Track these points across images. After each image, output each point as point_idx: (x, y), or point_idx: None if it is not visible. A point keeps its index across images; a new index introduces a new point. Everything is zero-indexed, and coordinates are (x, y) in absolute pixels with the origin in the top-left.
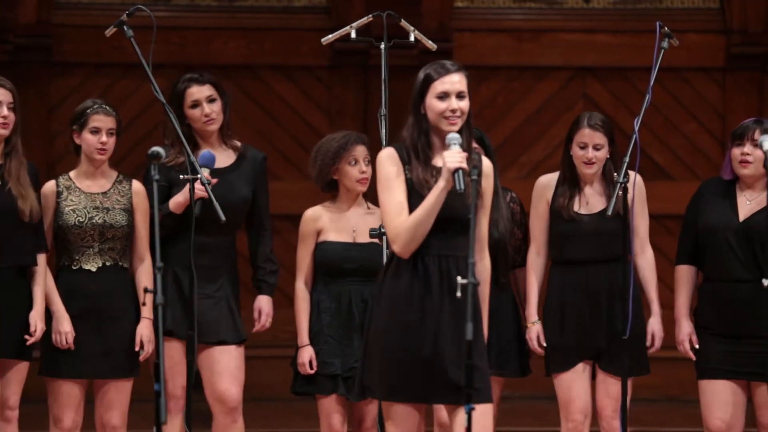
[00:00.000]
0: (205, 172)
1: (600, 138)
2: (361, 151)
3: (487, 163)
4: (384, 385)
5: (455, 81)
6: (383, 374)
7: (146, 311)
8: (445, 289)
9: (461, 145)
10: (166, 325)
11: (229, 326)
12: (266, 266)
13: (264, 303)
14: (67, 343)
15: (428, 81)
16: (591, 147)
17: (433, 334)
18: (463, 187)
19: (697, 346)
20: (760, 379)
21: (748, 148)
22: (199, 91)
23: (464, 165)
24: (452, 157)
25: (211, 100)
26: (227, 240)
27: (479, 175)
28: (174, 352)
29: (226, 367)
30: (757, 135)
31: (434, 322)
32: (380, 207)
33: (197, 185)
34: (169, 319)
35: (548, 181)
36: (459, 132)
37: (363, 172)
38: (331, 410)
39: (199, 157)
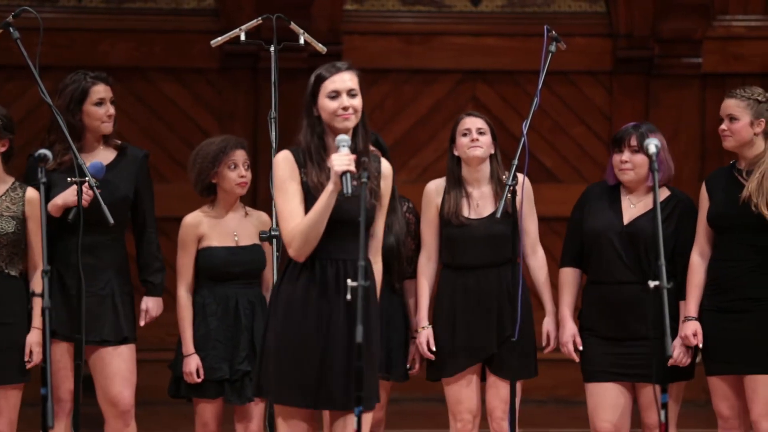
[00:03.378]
0: (91, 181)
1: (482, 123)
2: (240, 155)
3: (386, 165)
4: (278, 388)
5: (346, 79)
6: (277, 377)
7: (36, 320)
8: (341, 294)
9: (350, 147)
10: (51, 325)
11: (112, 325)
12: (152, 265)
13: (150, 304)
14: None
15: (319, 81)
16: (474, 130)
17: (326, 339)
18: (350, 190)
19: (581, 348)
20: (644, 381)
21: (626, 155)
22: (105, 90)
23: (352, 168)
24: (340, 159)
25: (113, 102)
26: (112, 238)
27: (370, 178)
28: (60, 354)
29: (118, 370)
30: (634, 141)
31: (328, 327)
32: (276, 210)
33: (86, 190)
34: (53, 320)
35: (437, 186)
36: (354, 131)
37: (242, 177)
38: (210, 414)
39: (89, 165)
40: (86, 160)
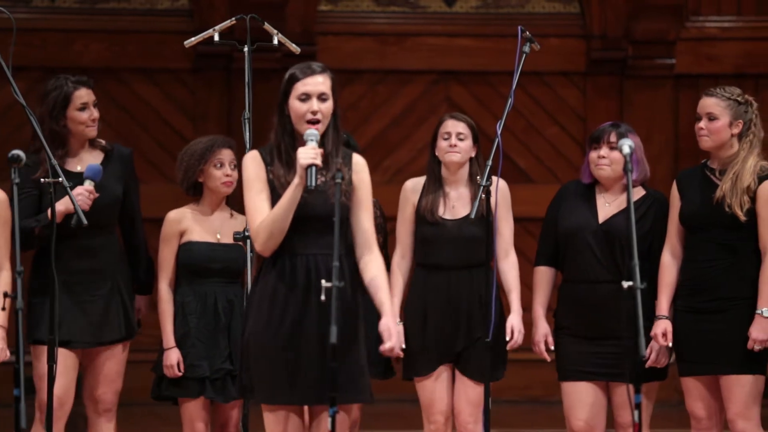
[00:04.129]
0: (89, 185)
1: (463, 128)
2: (227, 154)
3: (358, 158)
4: (261, 387)
5: (318, 82)
6: (259, 375)
7: (2, 318)
8: (313, 289)
9: (318, 142)
10: (62, 335)
11: (123, 323)
12: (142, 262)
13: (142, 303)
14: None
15: (292, 81)
16: (454, 135)
17: (300, 334)
18: (314, 183)
19: (552, 348)
20: (618, 380)
21: (604, 150)
22: (87, 94)
23: (317, 161)
24: (305, 153)
25: (95, 104)
26: (109, 239)
27: (343, 179)
28: (66, 360)
29: (108, 372)
30: (613, 138)
31: (301, 322)
32: (245, 208)
33: (85, 192)
34: (62, 330)
35: (415, 185)
36: (324, 133)
37: (228, 176)
38: (195, 414)
39: (86, 168)
40: (73, 165)
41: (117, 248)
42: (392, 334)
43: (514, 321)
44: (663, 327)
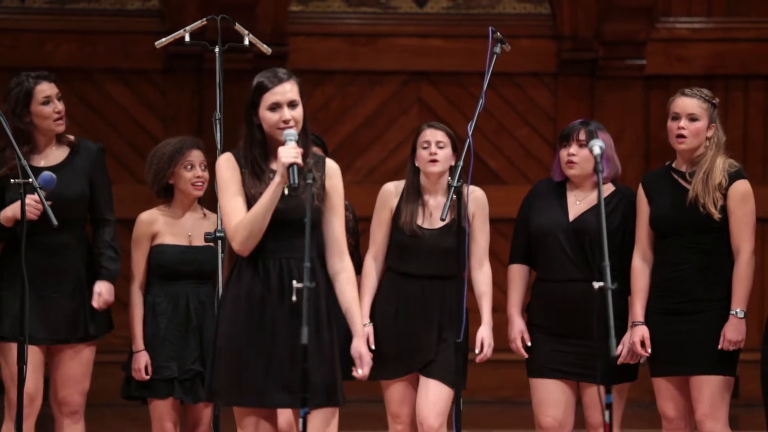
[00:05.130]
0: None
1: (442, 136)
2: (196, 155)
3: (331, 164)
4: (230, 390)
5: (286, 91)
6: (229, 378)
7: None
8: (286, 292)
9: (297, 142)
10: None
11: (86, 323)
12: (106, 252)
13: (103, 288)
14: None
15: (260, 91)
16: (434, 144)
17: (272, 336)
18: (297, 181)
19: (529, 344)
20: (589, 380)
21: (574, 148)
22: (50, 88)
23: (299, 160)
24: (287, 152)
25: (59, 98)
26: (77, 237)
27: (315, 180)
28: (32, 358)
29: (73, 373)
30: (582, 136)
31: (273, 325)
32: (220, 210)
33: (32, 202)
34: (28, 327)
35: (394, 188)
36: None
37: (199, 177)
38: (164, 414)
39: (39, 178)
40: (38, 161)
41: (85, 246)
42: (363, 361)
43: (485, 333)
44: (640, 334)
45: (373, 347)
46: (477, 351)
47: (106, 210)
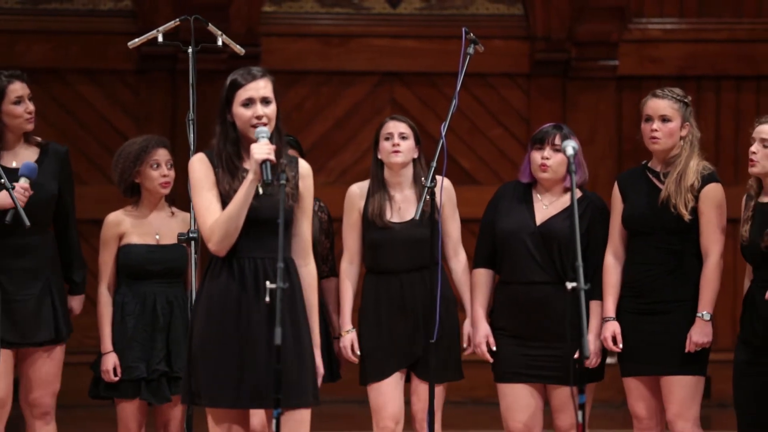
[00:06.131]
0: (24, 182)
1: (404, 128)
2: (162, 154)
3: (304, 165)
4: (205, 391)
5: (260, 87)
6: (205, 379)
7: None
8: (260, 292)
9: (270, 139)
10: None
11: (52, 325)
12: (75, 262)
13: (75, 303)
14: None
15: (234, 88)
16: (396, 135)
17: (247, 337)
18: (270, 177)
19: (494, 348)
20: (555, 382)
21: (548, 152)
22: (22, 88)
23: (272, 157)
24: (260, 148)
25: (30, 98)
26: (43, 238)
27: (288, 180)
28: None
29: (45, 375)
30: (557, 140)
31: (249, 325)
32: (194, 210)
33: (21, 189)
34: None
35: (360, 189)
36: (269, 137)
37: (165, 176)
38: (130, 415)
39: (22, 166)
40: (8, 160)
41: (52, 248)
42: (319, 371)
43: (471, 329)
44: (611, 329)
45: (358, 352)
46: (465, 345)
47: (71, 212)
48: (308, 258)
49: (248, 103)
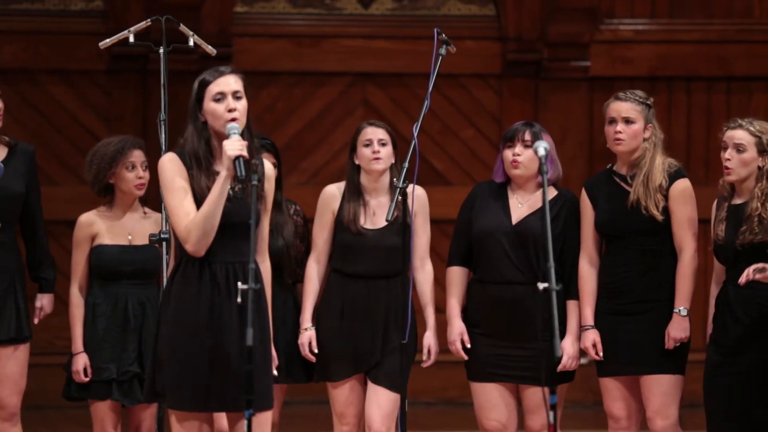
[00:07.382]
0: None
1: (383, 134)
2: (138, 155)
3: (268, 166)
4: (171, 392)
5: (230, 82)
6: (171, 381)
7: None
8: (232, 295)
9: (242, 135)
10: None
11: (15, 324)
12: (45, 261)
13: (45, 301)
14: None
15: (203, 85)
16: (376, 142)
17: (217, 340)
18: (244, 173)
19: (469, 346)
20: (528, 383)
21: (518, 148)
22: None
23: (244, 152)
24: (232, 145)
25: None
26: (9, 237)
27: (260, 180)
28: None
29: (10, 374)
30: (527, 136)
31: (220, 329)
32: (167, 211)
33: None
34: None
35: (335, 191)
36: (240, 135)
37: (140, 177)
38: (104, 416)
39: None
40: None
41: (16, 247)
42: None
43: (431, 341)
44: (591, 338)
45: (315, 350)
46: (425, 357)
47: (39, 213)
48: (265, 255)
49: (220, 97)
